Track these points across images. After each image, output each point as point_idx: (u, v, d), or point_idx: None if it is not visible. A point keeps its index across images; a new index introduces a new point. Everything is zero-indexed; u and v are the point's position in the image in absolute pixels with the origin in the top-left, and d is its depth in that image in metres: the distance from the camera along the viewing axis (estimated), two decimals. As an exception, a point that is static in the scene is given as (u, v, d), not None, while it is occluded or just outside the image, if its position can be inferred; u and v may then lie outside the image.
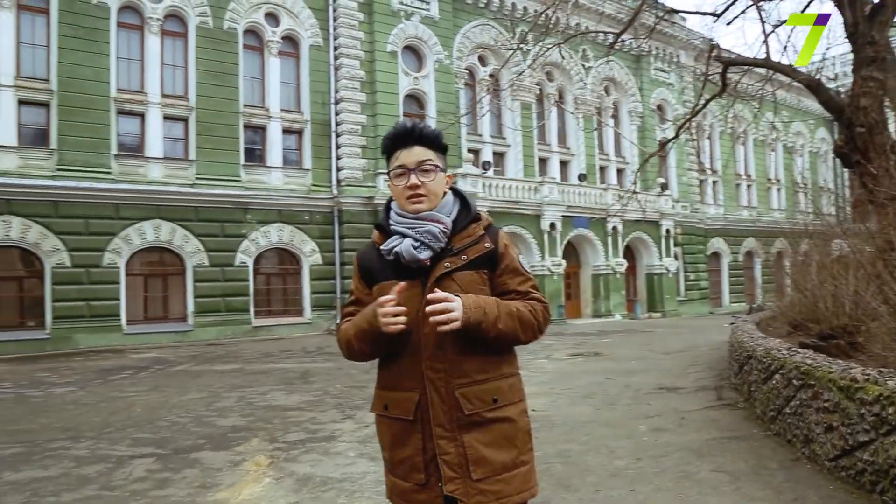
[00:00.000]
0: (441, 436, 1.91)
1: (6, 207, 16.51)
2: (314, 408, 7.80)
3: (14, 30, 17.18)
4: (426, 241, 1.96)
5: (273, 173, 20.88)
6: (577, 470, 4.62)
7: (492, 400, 1.93)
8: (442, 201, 2.04)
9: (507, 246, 2.06)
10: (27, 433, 6.68)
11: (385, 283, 2.01)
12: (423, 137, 2.03)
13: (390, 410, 2.01)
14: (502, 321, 1.90)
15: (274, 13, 21.15)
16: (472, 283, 1.97)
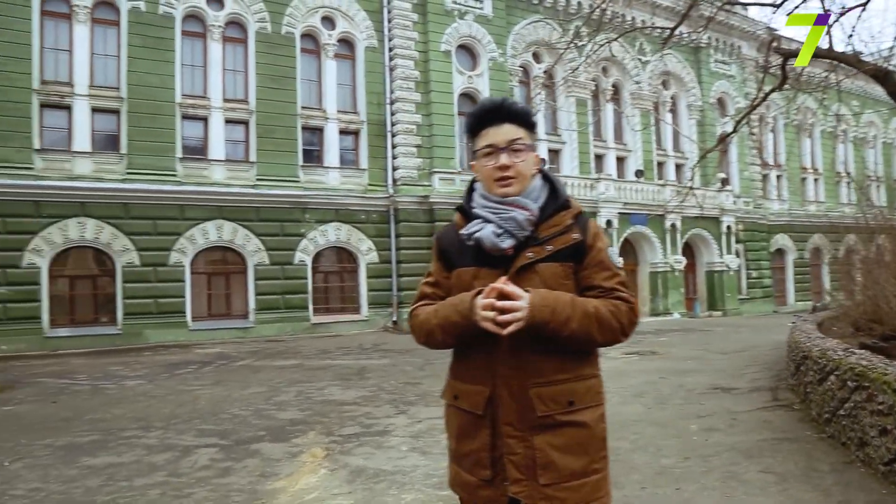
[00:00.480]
0: (510, 434, 1.83)
1: (81, 210, 17.40)
2: (369, 403, 8.01)
3: (88, 42, 18.08)
4: (509, 229, 1.86)
5: (330, 173, 21.31)
6: (623, 468, 4.67)
7: (567, 402, 1.83)
8: (530, 185, 1.93)
9: (596, 237, 1.93)
10: (103, 422, 7.11)
11: (463, 269, 1.93)
12: (513, 114, 1.92)
13: (459, 401, 1.94)
14: (576, 322, 1.78)
15: (330, 16, 21.58)
16: (554, 277, 1.86)
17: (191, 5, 19.35)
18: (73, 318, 17.70)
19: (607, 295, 1.87)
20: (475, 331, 1.79)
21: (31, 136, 17.17)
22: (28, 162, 17.07)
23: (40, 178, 17.11)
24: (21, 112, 17.04)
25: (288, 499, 4.34)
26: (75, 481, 4.81)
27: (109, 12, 18.46)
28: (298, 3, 20.89)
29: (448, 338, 1.89)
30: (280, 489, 4.58)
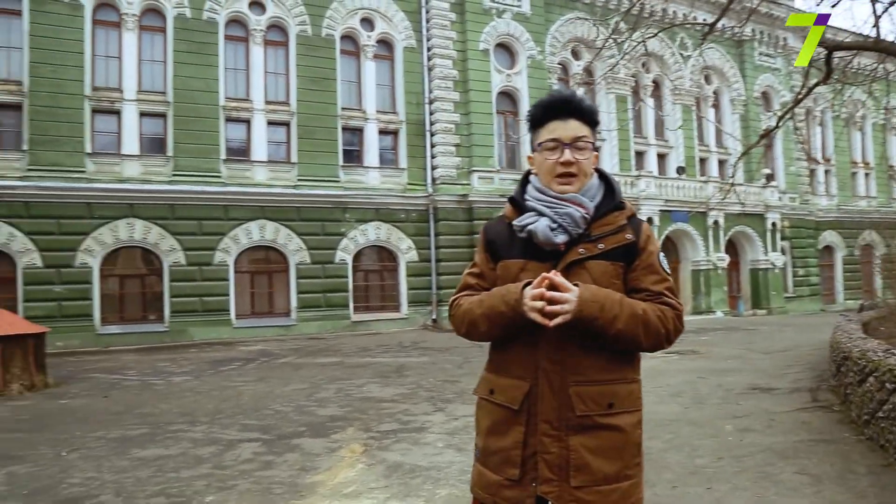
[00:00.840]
0: (546, 433, 1.79)
1: (130, 211, 17.99)
2: (407, 400, 8.15)
3: (136, 49, 18.68)
4: (564, 224, 1.83)
5: (370, 173, 21.56)
6: (655, 467, 4.69)
7: (607, 404, 1.80)
8: (588, 183, 1.90)
9: (648, 240, 1.90)
10: (151, 416, 7.39)
11: (510, 261, 1.91)
12: (580, 110, 1.89)
13: (495, 395, 1.90)
14: (622, 322, 1.75)
15: (369, 18, 21.82)
16: (604, 275, 1.83)
17: (233, 10, 19.80)
18: (122, 315, 18.31)
19: (655, 299, 1.84)
20: (521, 322, 1.76)
21: (83, 140, 17.82)
22: (80, 165, 17.71)
23: (92, 180, 17.74)
24: (74, 118, 17.69)
25: (327, 492, 4.49)
26: (127, 472, 5.05)
27: (156, 19, 19.02)
28: (338, 5, 21.18)
29: (492, 328, 1.85)
30: (319, 482, 4.73)
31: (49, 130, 17.45)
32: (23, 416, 7.64)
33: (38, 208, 17.16)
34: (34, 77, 17.37)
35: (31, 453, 5.72)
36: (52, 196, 17.20)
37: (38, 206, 17.15)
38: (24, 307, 16.65)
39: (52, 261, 17.24)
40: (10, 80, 17.47)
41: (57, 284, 17.27)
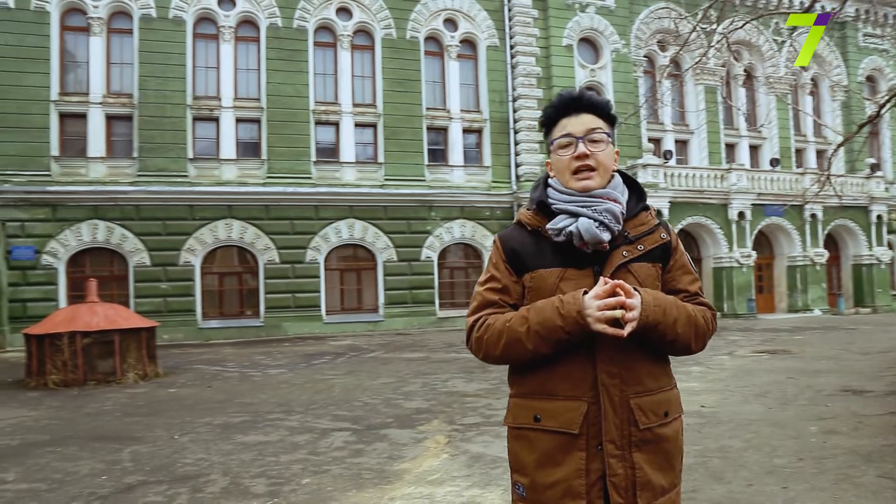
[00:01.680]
0: (612, 454, 1.65)
1: (228, 212, 19.04)
2: (490, 395, 8.36)
3: (233, 58, 19.75)
4: (606, 221, 1.70)
5: (455, 172, 21.89)
6: (732, 465, 4.71)
7: (663, 413, 1.71)
8: (613, 181, 1.80)
9: (677, 240, 1.86)
10: (251, 405, 7.92)
11: (544, 271, 1.75)
12: (592, 105, 1.79)
13: (543, 422, 1.71)
14: (681, 325, 1.68)
15: (452, 19, 22.13)
16: (649, 277, 1.74)
17: (322, 17, 20.56)
18: (221, 311, 19.41)
19: (692, 300, 1.78)
20: (581, 336, 1.63)
21: (185, 146, 19.01)
22: (183, 170, 18.90)
23: (193, 184, 18.90)
24: (177, 126, 18.89)
25: (412, 479, 4.76)
26: (231, 454, 5.50)
27: (250, 30, 20.02)
28: (422, 7, 21.59)
29: (543, 346, 1.67)
30: (405, 470, 5.01)
31: (155, 138, 18.73)
32: (139, 403, 8.35)
33: (147, 211, 18.45)
34: (143, 90, 18.69)
35: (149, 435, 6.31)
36: (159, 199, 18.47)
37: (146, 208, 18.44)
38: (135, 302, 17.96)
39: (158, 260, 18.50)
40: (122, 93, 18.88)
41: (163, 281, 18.52)
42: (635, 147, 22.52)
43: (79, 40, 18.88)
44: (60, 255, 18.03)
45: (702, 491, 4.17)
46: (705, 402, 7.20)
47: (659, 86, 23.05)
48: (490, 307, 1.80)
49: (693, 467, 4.67)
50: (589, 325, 1.60)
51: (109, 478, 4.86)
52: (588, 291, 1.63)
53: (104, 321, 10.34)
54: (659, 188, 21.75)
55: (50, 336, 10.00)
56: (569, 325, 1.62)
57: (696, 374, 9.55)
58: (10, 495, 4.50)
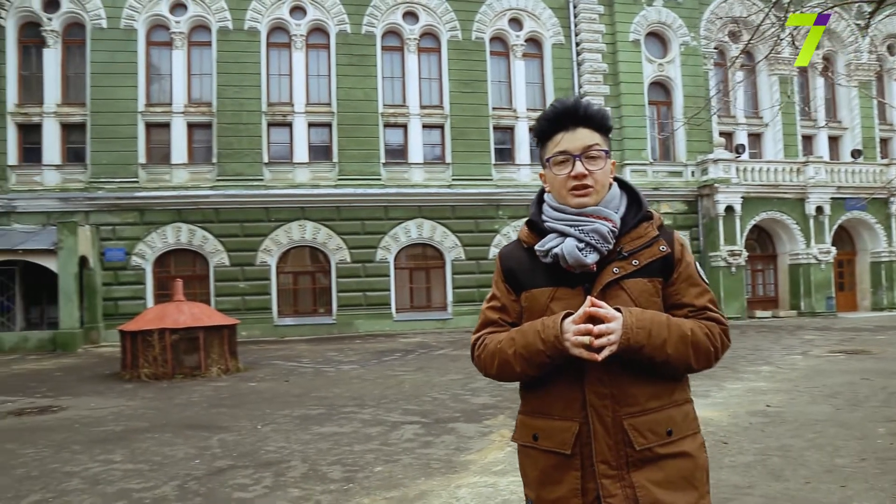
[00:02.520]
0: (605, 474, 1.61)
1: (301, 214, 19.76)
2: (555, 392, 8.52)
3: (304, 65, 20.47)
4: (592, 242, 1.66)
5: (522, 170, 21.99)
6: (792, 463, 4.75)
7: (665, 432, 1.64)
8: (608, 194, 1.74)
9: (683, 249, 1.75)
10: (326, 399, 8.35)
11: (536, 290, 1.73)
12: (588, 118, 1.72)
13: (540, 442, 1.71)
14: (672, 346, 1.60)
15: (517, 18, 22.23)
16: (643, 294, 1.67)
17: (389, 22, 21.04)
18: (296, 308, 20.16)
19: (699, 315, 1.69)
20: (562, 359, 1.62)
21: (261, 151, 19.83)
22: (259, 174, 19.73)
23: (269, 187, 19.70)
24: (253, 132, 19.75)
25: (478, 469, 5.01)
26: (310, 444, 5.89)
27: (321, 37, 20.70)
28: (487, 8, 21.79)
29: (529, 368, 1.68)
30: (471, 461, 5.27)
31: (233, 144, 19.64)
32: (223, 395, 8.91)
33: (226, 214, 19.36)
34: (221, 98, 19.63)
35: (234, 425, 6.79)
36: (237, 202, 19.34)
37: (225, 211, 19.35)
38: (216, 301, 18.86)
39: (237, 260, 19.38)
40: (202, 102, 19.88)
41: (241, 281, 19.38)
42: (706, 142, 22.10)
43: (162, 54, 19.98)
44: (148, 257, 19.13)
45: (757, 487, 4.26)
46: (771, 402, 7.17)
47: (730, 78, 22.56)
48: (490, 326, 1.81)
49: (752, 465, 4.75)
50: (567, 350, 1.58)
51: (202, 461, 5.33)
52: (572, 313, 1.61)
53: (190, 319, 11.02)
54: (731, 184, 21.28)
55: (142, 333, 10.76)
56: (549, 350, 1.61)
57: (766, 374, 9.44)
58: (119, 474, 5.01)
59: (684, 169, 22.38)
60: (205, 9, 19.87)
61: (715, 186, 21.21)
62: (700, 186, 21.87)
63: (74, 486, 4.69)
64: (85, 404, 8.36)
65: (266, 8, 20.21)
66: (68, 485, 4.74)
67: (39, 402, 8.62)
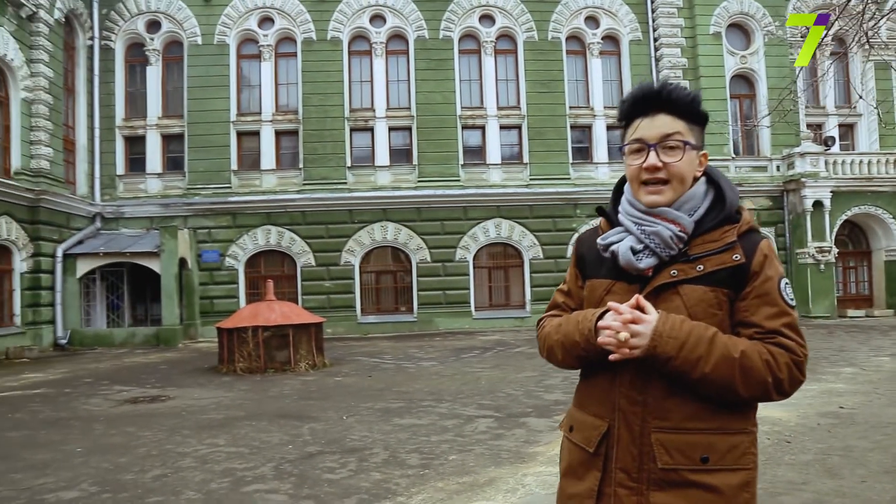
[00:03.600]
0: (623, 483, 1.54)
1: (383, 215, 20.47)
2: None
3: (384, 71, 21.17)
4: (651, 245, 1.57)
5: (600, 169, 21.96)
6: (851, 463, 4.85)
7: (700, 458, 1.49)
8: (689, 192, 1.60)
9: (766, 262, 1.56)
10: (406, 393, 8.85)
11: (596, 281, 1.69)
12: (671, 102, 1.58)
13: (574, 434, 1.68)
14: (710, 366, 1.45)
15: (594, 16, 22.19)
16: (702, 303, 1.53)
17: (466, 26, 21.46)
18: (378, 307, 20.90)
19: (767, 339, 1.50)
20: (596, 354, 1.57)
21: (344, 156, 20.67)
22: (343, 178, 20.57)
23: (352, 190, 20.52)
24: (337, 137, 20.62)
25: (544, 460, 5.34)
26: (391, 434, 6.38)
27: (400, 43, 21.35)
28: (563, 7, 21.86)
29: (568, 357, 1.66)
30: (539, 453, 5.60)
31: (318, 150, 20.57)
32: (311, 388, 9.56)
33: (312, 216, 20.30)
34: (306, 106, 20.60)
35: (322, 415, 7.37)
36: (322, 205, 20.24)
37: (311, 214, 20.29)
38: (303, 299, 19.82)
39: (322, 260, 20.29)
40: (288, 110, 20.91)
41: (326, 280, 20.28)
42: (792, 135, 21.40)
43: (252, 66, 21.14)
44: (240, 258, 20.30)
45: (811, 484, 4.42)
46: (845, 404, 7.14)
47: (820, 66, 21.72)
48: (555, 308, 1.82)
49: (810, 463, 4.89)
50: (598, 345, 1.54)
51: (294, 447, 5.90)
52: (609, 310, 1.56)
53: (281, 317, 11.79)
54: (819, 177, 20.56)
55: (238, 330, 11.60)
56: (583, 342, 1.58)
57: (846, 376, 9.29)
58: (224, 455, 5.64)
59: (769, 163, 21.76)
60: (290, 21, 20.88)
61: (802, 181, 20.53)
62: (786, 181, 21.23)
63: (188, 465, 5.35)
64: (189, 394, 9.19)
65: (347, 18, 21.03)
66: (182, 463, 5.40)
67: (150, 392, 9.52)
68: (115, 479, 4.95)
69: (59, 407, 8.40)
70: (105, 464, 5.42)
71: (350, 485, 4.74)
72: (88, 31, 20.08)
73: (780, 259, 1.69)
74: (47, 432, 6.79)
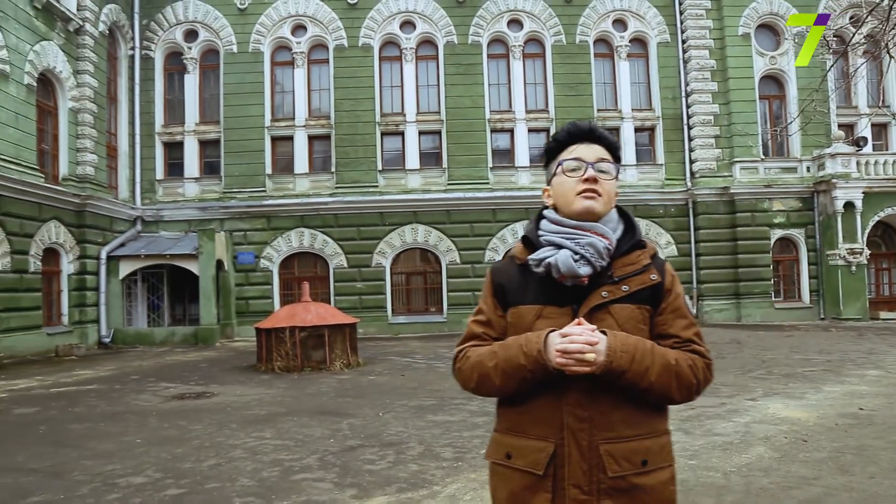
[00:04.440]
0: (576, 499, 1.62)
1: (414, 218, 20.89)
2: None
3: (414, 77, 21.62)
4: (587, 255, 1.68)
5: (628, 171, 22.05)
6: (863, 461, 5.08)
7: (640, 462, 1.64)
8: (609, 215, 1.78)
9: (674, 280, 1.78)
10: (438, 392, 9.21)
11: (523, 307, 1.76)
12: (603, 138, 1.80)
13: (514, 460, 1.71)
14: (655, 374, 1.61)
15: (622, 19, 22.35)
16: (631, 321, 1.69)
17: (495, 31, 21.79)
18: (409, 307, 21.33)
19: (684, 346, 1.71)
20: (542, 376, 1.63)
21: (375, 159, 21.16)
22: (374, 181, 21.05)
23: (383, 193, 20.98)
24: (368, 141, 21.11)
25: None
26: (424, 429, 6.75)
27: (429, 49, 21.77)
28: (590, 11, 22.07)
29: (508, 383, 1.69)
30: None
31: (349, 154, 21.08)
32: (347, 387, 9.98)
33: (344, 219, 20.81)
34: (338, 111, 21.12)
35: (359, 412, 7.78)
36: (353, 208, 20.74)
37: (343, 217, 20.80)
38: (335, 300, 20.32)
39: (354, 262, 20.78)
40: (321, 115, 21.46)
41: (358, 281, 20.76)
42: (823, 136, 21.32)
43: (285, 73, 21.72)
44: (274, 259, 20.88)
45: (822, 479, 4.68)
46: (865, 406, 7.32)
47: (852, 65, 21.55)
48: (473, 339, 1.86)
49: (823, 461, 5.14)
50: (549, 363, 1.60)
51: (335, 441, 6.30)
52: (556, 330, 1.64)
53: (316, 318, 12.25)
54: (851, 178, 20.46)
55: (275, 330, 12.08)
56: (530, 364, 1.62)
57: (871, 378, 9.42)
58: (271, 447, 6.06)
59: (799, 164, 21.69)
60: (322, 29, 21.41)
61: (832, 182, 20.45)
62: (816, 182, 21.15)
63: (238, 455, 5.78)
64: (231, 391, 9.67)
65: (378, 24, 21.49)
66: (234, 454, 5.84)
67: (194, 389, 10.03)
68: (175, 467, 5.39)
69: (112, 402, 8.94)
70: (164, 454, 5.87)
71: (389, 475, 5.12)
72: (130, 41, 20.83)
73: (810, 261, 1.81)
74: (106, 425, 7.30)
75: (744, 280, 21.00)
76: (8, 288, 15.08)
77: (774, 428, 6.35)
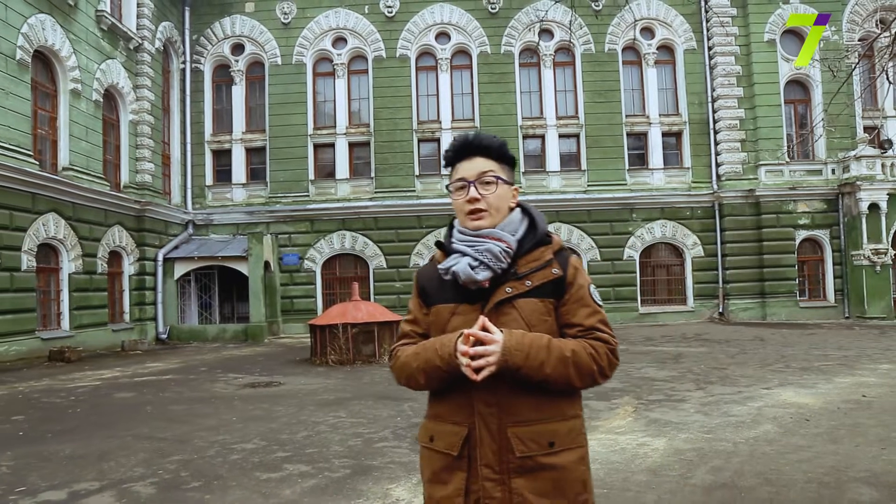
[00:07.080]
0: (488, 477, 1.78)
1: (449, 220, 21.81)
2: (675, 380, 9.86)
3: (449, 85, 22.63)
4: (486, 261, 1.82)
5: (655, 174, 22.88)
6: (852, 434, 5.97)
7: (547, 443, 1.79)
8: (507, 218, 1.91)
9: (577, 273, 1.90)
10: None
11: (441, 306, 1.92)
12: (483, 147, 1.90)
13: (435, 442, 1.88)
14: (550, 367, 1.74)
15: (649, 27, 23.10)
16: (534, 313, 1.83)
17: (526, 41, 22.72)
18: (446, 306, 22.30)
19: (587, 334, 1.84)
20: (458, 375, 1.78)
21: (413, 165, 22.21)
22: (411, 186, 22.11)
23: (420, 197, 22.03)
24: (405, 148, 22.19)
25: (604, 430, 6.61)
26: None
27: (463, 59, 22.79)
28: (618, 20, 22.86)
29: (431, 382, 1.86)
30: (599, 426, 6.87)
31: (388, 160, 22.17)
32: (398, 377, 10.99)
33: (383, 222, 21.91)
34: (377, 119, 22.25)
35: (416, 396, 8.67)
36: (392, 212, 21.83)
37: (382, 220, 21.90)
38: (375, 299, 21.39)
39: (393, 263, 21.87)
40: (361, 123, 22.60)
41: (397, 281, 21.83)
42: (848, 138, 21.87)
43: (327, 83, 22.90)
44: (317, 261, 22.06)
45: (814, 448, 5.59)
46: (868, 393, 8.14)
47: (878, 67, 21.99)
48: (404, 338, 2.02)
49: (819, 434, 6.04)
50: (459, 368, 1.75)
51: (401, 419, 7.34)
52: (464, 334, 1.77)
53: (366, 315, 13.33)
54: (875, 180, 21.00)
55: (329, 326, 13.18)
56: (445, 365, 1.78)
57: (881, 371, 10.18)
58: (349, 423, 7.13)
59: (824, 167, 22.25)
60: (362, 41, 22.53)
61: (857, 184, 21.00)
62: (841, 184, 21.71)
63: (324, 430, 6.85)
64: (295, 381, 10.77)
65: (414, 36, 22.55)
66: (319, 428, 6.91)
67: (261, 379, 11.15)
68: (275, 437, 6.48)
69: (194, 388, 10.10)
70: (261, 428, 6.97)
71: (451, 445, 6.11)
72: (181, 55, 22.18)
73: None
74: (200, 406, 8.43)
75: (769, 280, 21.66)
76: (80, 288, 16.44)
77: (783, 411, 7.23)
